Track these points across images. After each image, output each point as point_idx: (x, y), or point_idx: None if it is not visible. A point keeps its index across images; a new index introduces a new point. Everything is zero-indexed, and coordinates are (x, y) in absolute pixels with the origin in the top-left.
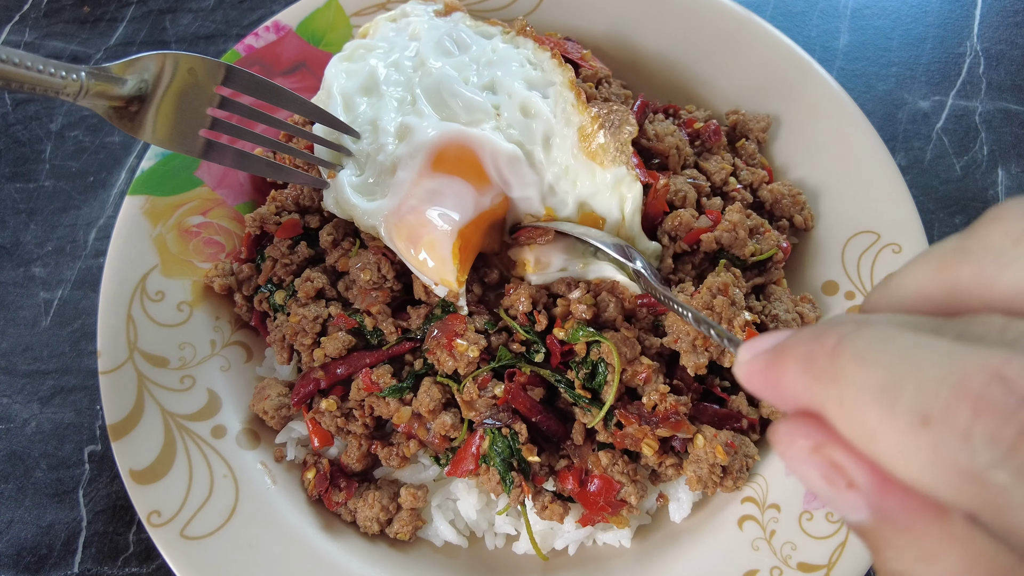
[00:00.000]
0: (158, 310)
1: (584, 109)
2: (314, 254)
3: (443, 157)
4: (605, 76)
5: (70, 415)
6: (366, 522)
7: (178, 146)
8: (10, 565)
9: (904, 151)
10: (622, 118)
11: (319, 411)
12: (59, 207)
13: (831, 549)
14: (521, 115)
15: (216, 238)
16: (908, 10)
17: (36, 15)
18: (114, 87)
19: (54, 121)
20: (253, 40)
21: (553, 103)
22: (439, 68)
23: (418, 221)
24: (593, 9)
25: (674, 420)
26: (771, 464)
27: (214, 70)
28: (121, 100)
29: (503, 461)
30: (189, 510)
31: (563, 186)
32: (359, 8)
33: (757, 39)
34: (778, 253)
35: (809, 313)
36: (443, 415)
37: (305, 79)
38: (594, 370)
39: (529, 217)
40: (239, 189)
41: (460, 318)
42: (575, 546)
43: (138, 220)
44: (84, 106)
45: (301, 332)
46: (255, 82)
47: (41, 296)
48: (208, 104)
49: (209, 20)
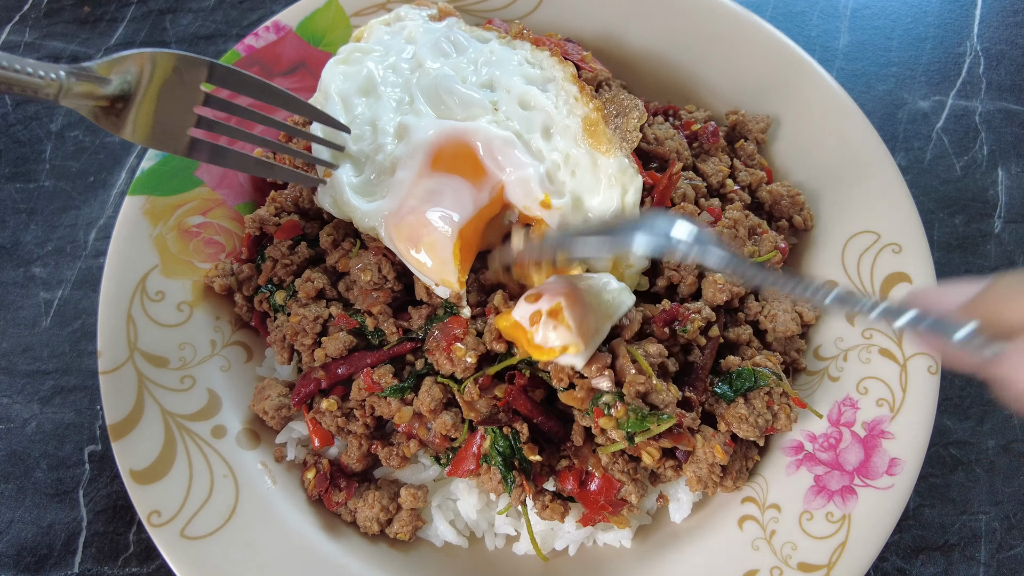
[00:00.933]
0: (158, 310)
1: (588, 100)
2: (314, 254)
3: (441, 155)
4: (606, 78)
5: (70, 415)
6: (366, 522)
7: (162, 144)
8: (10, 565)
9: (904, 151)
10: (631, 103)
11: (319, 411)
12: (59, 207)
13: (831, 549)
14: (520, 108)
15: (216, 238)
16: (908, 10)
17: (36, 15)
18: (98, 87)
19: (54, 121)
20: (253, 40)
21: (554, 96)
22: (436, 68)
23: (418, 222)
24: (592, 10)
25: (676, 433)
26: (771, 464)
27: (198, 67)
28: (106, 100)
29: (504, 460)
30: (189, 510)
31: (561, 176)
32: (359, 8)
33: (757, 39)
34: (776, 255)
35: (808, 313)
36: (444, 415)
37: (305, 79)
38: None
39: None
40: (239, 189)
41: (462, 322)
42: (575, 546)
43: (138, 220)
44: (67, 106)
45: (301, 332)
46: (240, 78)
47: (41, 296)
48: (194, 102)
49: (209, 20)
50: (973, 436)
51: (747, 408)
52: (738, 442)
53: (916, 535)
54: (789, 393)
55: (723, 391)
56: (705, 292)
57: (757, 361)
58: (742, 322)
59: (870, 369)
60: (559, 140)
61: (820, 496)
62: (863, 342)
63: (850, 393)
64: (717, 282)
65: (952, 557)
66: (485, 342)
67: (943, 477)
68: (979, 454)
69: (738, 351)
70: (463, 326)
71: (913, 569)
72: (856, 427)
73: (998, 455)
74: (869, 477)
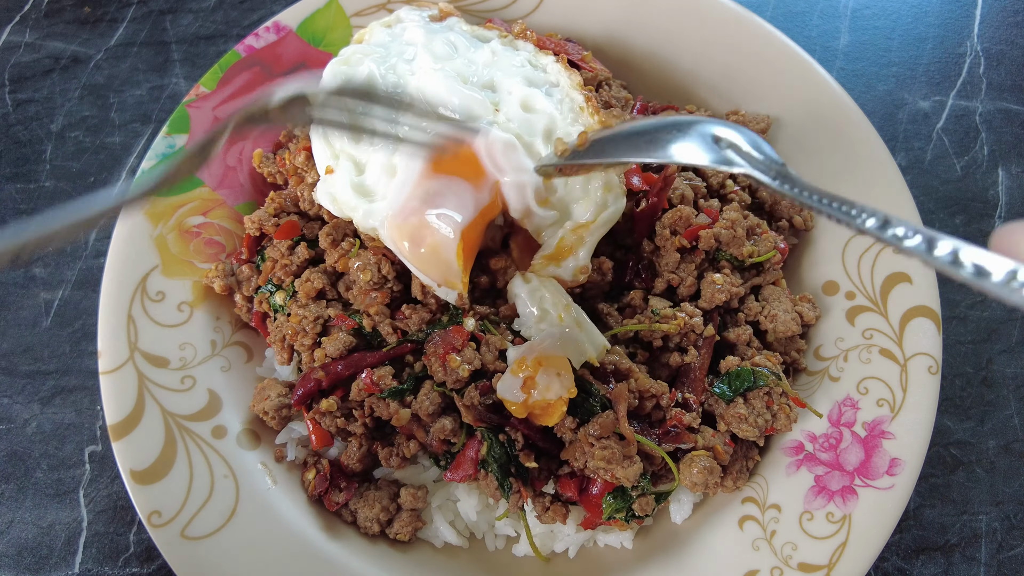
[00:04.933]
0: (158, 310)
1: (595, 112)
2: (314, 255)
3: (442, 157)
4: (606, 78)
5: (71, 415)
6: (366, 522)
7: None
8: (11, 565)
9: (904, 151)
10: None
11: (319, 411)
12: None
13: (831, 549)
14: (521, 110)
15: (216, 238)
16: (908, 10)
17: (37, 15)
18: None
19: (54, 122)
20: (253, 40)
21: (558, 102)
22: (438, 69)
23: (421, 223)
24: (593, 10)
25: (674, 433)
26: (771, 464)
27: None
28: None
29: (500, 467)
30: (190, 510)
31: (555, 182)
32: (359, 8)
33: (757, 39)
34: (776, 255)
35: (809, 312)
36: (442, 419)
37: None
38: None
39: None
40: (239, 190)
41: (464, 333)
42: (575, 549)
43: (138, 220)
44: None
45: (301, 332)
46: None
47: (42, 296)
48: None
49: (209, 20)
50: (973, 436)
51: (746, 408)
52: (738, 442)
53: (916, 535)
54: (789, 393)
55: (722, 391)
56: (704, 292)
57: (756, 361)
58: (742, 322)
59: (870, 369)
60: None
61: (820, 496)
62: (863, 342)
63: (850, 393)
64: (716, 282)
65: (952, 557)
66: (483, 359)
67: (943, 477)
68: (979, 454)
69: (738, 351)
70: (464, 337)
71: (913, 569)
72: (856, 427)
73: (998, 455)
74: (869, 477)
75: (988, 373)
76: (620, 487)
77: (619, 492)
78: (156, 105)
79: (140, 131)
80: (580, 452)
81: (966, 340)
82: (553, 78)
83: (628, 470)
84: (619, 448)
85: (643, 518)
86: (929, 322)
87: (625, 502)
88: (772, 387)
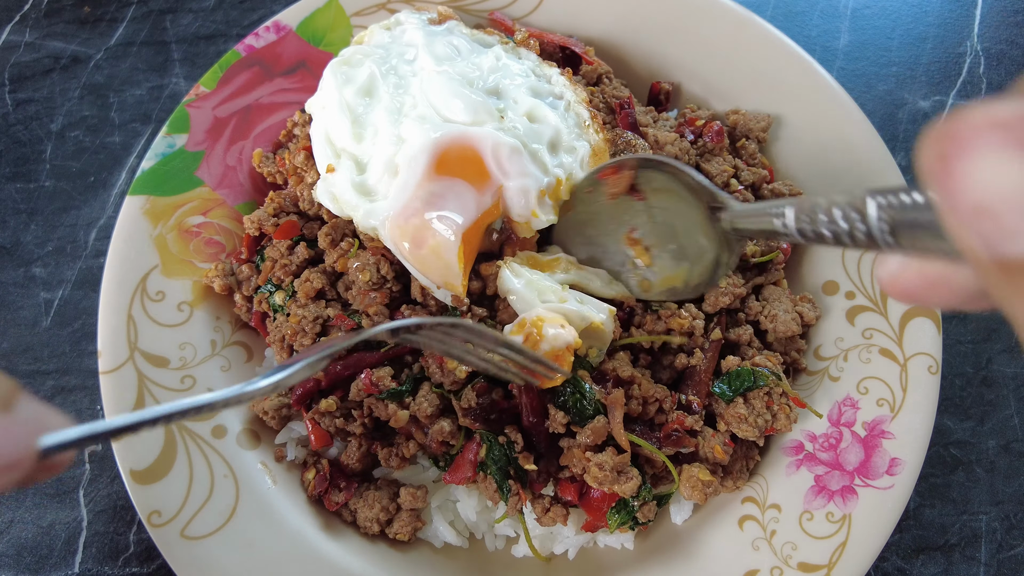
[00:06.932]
0: (158, 310)
1: (599, 130)
2: (313, 255)
3: (446, 159)
4: (605, 72)
5: (70, 415)
6: (366, 522)
7: None
8: (11, 565)
9: (904, 151)
10: (639, 144)
11: (318, 411)
12: (59, 207)
13: (831, 549)
14: (527, 120)
15: (216, 238)
16: (908, 10)
17: (36, 15)
18: None
19: (55, 121)
20: (253, 40)
21: (563, 115)
22: (442, 71)
23: (423, 224)
24: (593, 9)
25: (675, 437)
26: (771, 464)
27: None
28: None
29: (499, 470)
30: (189, 510)
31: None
32: (359, 8)
33: (757, 39)
34: (779, 255)
35: (809, 312)
36: (441, 421)
37: (305, 79)
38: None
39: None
40: (239, 189)
41: None
42: (575, 550)
43: (138, 220)
44: None
45: (301, 333)
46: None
47: (41, 296)
48: None
49: (209, 20)
50: (973, 436)
51: (746, 408)
52: (738, 442)
53: (916, 535)
54: (789, 393)
55: (722, 391)
56: (708, 296)
57: (756, 361)
58: (742, 322)
59: (870, 369)
60: (565, 157)
61: (820, 496)
62: (863, 342)
63: (850, 393)
64: (719, 286)
65: (952, 557)
66: None
67: (943, 477)
68: (979, 454)
69: (738, 351)
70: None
71: (913, 569)
72: (856, 427)
73: (998, 455)
74: (869, 477)
75: (988, 373)
76: (621, 499)
77: (621, 505)
78: (156, 105)
79: (140, 131)
80: (576, 460)
81: (966, 340)
82: (558, 90)
83: (625, 485)
84: (612, 464)
85: (647, 523)
86: (929, 322)
87: (628, 514)
88: (772, 387)
